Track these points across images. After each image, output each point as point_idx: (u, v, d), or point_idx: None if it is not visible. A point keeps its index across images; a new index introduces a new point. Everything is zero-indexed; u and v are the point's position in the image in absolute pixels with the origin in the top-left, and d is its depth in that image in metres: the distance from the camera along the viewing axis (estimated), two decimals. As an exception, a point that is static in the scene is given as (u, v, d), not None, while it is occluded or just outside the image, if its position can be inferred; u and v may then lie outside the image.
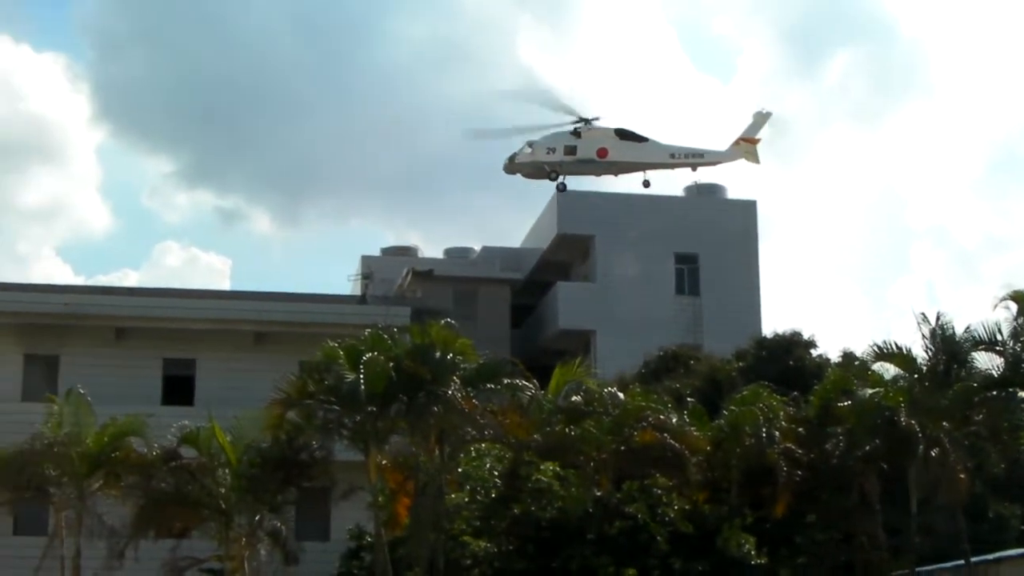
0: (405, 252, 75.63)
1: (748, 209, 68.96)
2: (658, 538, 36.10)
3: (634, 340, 59.36)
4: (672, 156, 52.14)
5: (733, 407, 39.22)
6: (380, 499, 35.77)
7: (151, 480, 36.11)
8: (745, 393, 39.94)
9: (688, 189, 70.60)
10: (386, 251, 76.51)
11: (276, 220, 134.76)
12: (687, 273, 66.71)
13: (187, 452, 36.27)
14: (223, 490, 35.49)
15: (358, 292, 61.87)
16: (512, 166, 54.61)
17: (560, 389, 38.64)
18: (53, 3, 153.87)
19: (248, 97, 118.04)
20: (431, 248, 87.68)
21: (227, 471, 35.64)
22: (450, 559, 36.02)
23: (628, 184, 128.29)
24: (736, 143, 50.61)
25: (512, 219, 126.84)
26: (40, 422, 38.23)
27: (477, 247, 76.42)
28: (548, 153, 53.32)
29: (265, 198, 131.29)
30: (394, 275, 66.41)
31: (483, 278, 68.70)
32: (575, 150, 52.78)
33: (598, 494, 37.09)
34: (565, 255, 68.80)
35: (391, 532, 36.77)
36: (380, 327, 37.08)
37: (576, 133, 52.57)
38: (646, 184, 53.71)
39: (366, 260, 71.86)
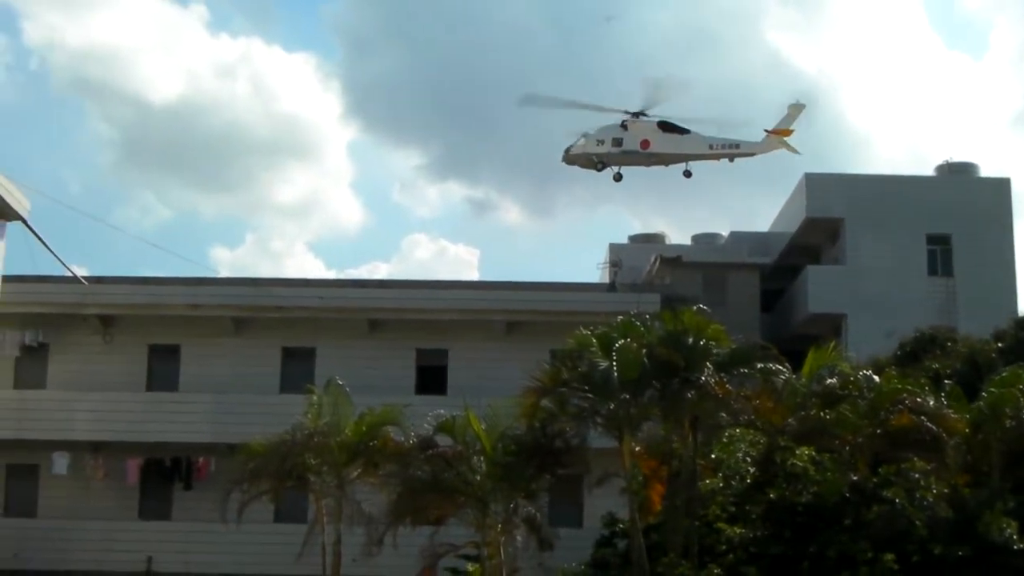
0: (652, 239, 75.47)
1: (1002, 187, 67.14)
2: (917, 523, 35.34)
3: (886, 323, 58.39)
4: (711, 147, 51.65)
5: (993, 388, 38.33)
6: (634, 486, 35.77)
7: (408, 468, 36.52)
8: (1005, 374, 39.02)
9: (939, 168, 69.28)
10: (634, 239, 76.43)
11: (526, 210, 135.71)
12: (940, 254, 65.23)
13: (442, 440, 36.62)
14: (478, 477, 35.68)
15: (607, 280, 62.08)
16: (568, 157, 54.73)
17: (814, 373, 38.15)
18: (303, 4, 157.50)
19: (497, 89, 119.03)
20: (678, 235, 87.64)
21: (482, 459, 35.83)
22: (704, 545, 35.89)
23: (878, 165, 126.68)
24: (769, 135, 49.75)
25: (760, 203, 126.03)
26: (299, 413, 39.05)
27: (725, 232, 75.92)
28: (598, 145, 53.44)
29: (514, 188, 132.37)
30: (642, 262, 66.55)
31: (732, 263, 68.12)
32: (621, 142, 52.78)
33: (854, 479, 36.49)
34: (814, 238, 67.87)
35: (645, 518, 36.74)
36: (631, 314, 37.09)
37: (624, 126, 52.41)
38: (687, 174, 53.18)
39: (614, 248, 72.05)
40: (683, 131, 51.65)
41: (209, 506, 41.71)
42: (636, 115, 51.82)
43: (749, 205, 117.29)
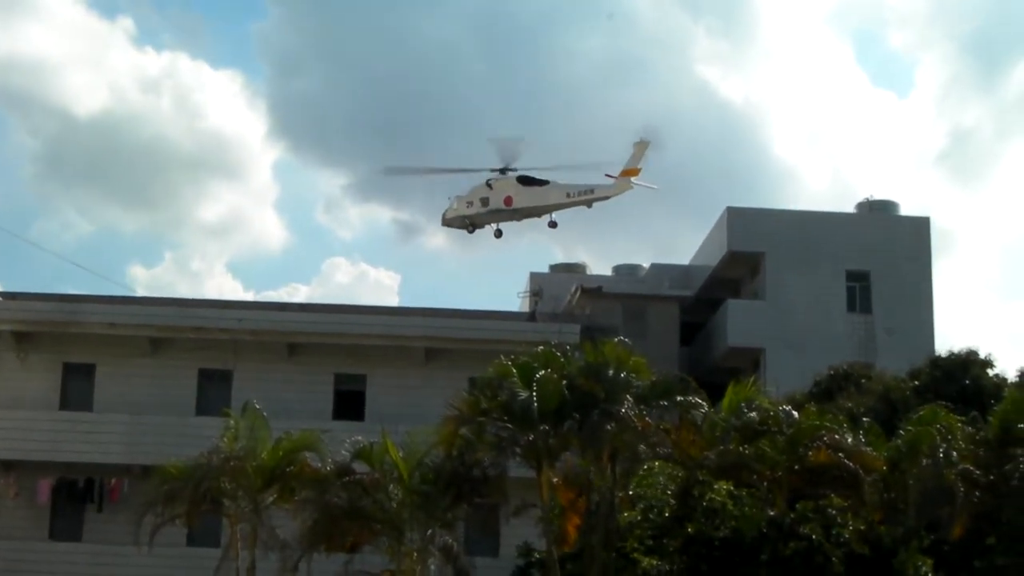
0: (573, 269, 75.58)
1: (921, 226, 67.66)
2: (833, 559, 35.47)
3: (805, 358, 58.63)
4: (568, 195, 51.35)
5: (910, 427, 38.52)
6: (551, 516, 35.70)
7: (324, 494, 36.34)
8: (922, 412, 39.20)
9: (860, 206, 69.77)
10: (555, 268, 76.54)
11: (451, 234, 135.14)
12: (859, 291, 65.62)
13: (360, 467, 36.53)
14: (395, 505, 35.68)
15: (528, 309, 62.04)
16: (444, 220, 54.54)
17: (734, 407, 38.19)
18: (230, 22, 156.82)
19: (425, 111, 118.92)
20: (600, 265, 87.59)
21: (399, 486, 35.81)
22: (621, 577, 35.87)
23: (798, 201, 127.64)
24: (618, 177, 49.67)
25: (681, 236, 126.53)
26: (214, 436, 38.72)
27: (646, 264, 76.12)
28: (468, 206, 53.07)
29: (441, 211, 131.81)
30: (563, 292, 66.56)
31: (652, 295, 68.16)
32: (488, 201, 52.52)
33: (772, 514, 36.59)
34: (735, 272, 68.13)
35: (561, 549, 36.73)
36: (551, 344, 37.05)
37: (489, 184, 52.30)
38: (552, 225, 52.87)
39: (535, 277, 72.04)
40: (542, 183, 51.32)
41: (122, 528, 41.34)
42: (502, 171, 51.47)
43: (672, 237, 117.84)
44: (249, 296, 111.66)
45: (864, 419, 41.69)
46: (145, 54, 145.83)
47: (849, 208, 71.08)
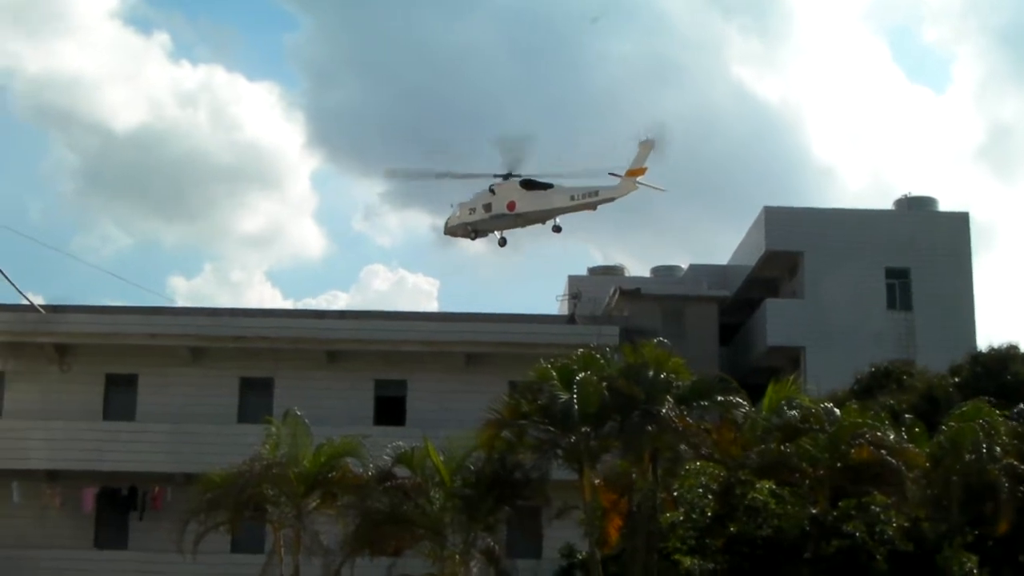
0: (612, 271, 75.58)
1: (960, 221, 67.46)
2: (877, 557, 35.45)
3: (845, 356, 58.41)
4: (572, 198, 50.33)
5: (952, 423, 38.33)
6: (593, 518, 35.67)
7: (366, 500, 36.38)
8: (965, 408, 39.03)
9: (899, 202, 69.54)
10: (593, 271, 76.60)
11: (488, 241, 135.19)
12: (899, 288, 65.46)
13: (401, 472, 36.56)
14: (437, 509, 35.71)
15: (566, 312, 62.02)
16: (447, 229, 53.70)
17: (774, 406, 38.07)
18: (265, 33, 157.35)
19: (459, 118, 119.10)
20: (638, 267, 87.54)
21: (441, 491, 35.87)
22: (664, 578, 35.86)
23: (841, 197, 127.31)
24: (624, 177, 48.65)
25: (719, 236, 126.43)
26: (256, 443, 38.84)
27: (684, 265, 76.05)
28: (470, 213, 52.22)
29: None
30: (601, 294, 66.53)
31: (691, 296, 68.04)
32: (491, 207, 51.72)
33: (814, 512, 36.47)
34: (773, 272, 68.06)
35: (603, 551, 36.62)
36: (590, 347, 37.03)
37: (492, 190, 51.55)
38: (557, 230, 51.91)
39: (573, 280, 72.00)
40: (546, 186, 50.62)
41: (165, 536, 41.25)
42: (505, 176, 50.93)
43: (709, 237, 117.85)
44: (288, 304, 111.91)
45: (906, 416, 41.56)
46: (181, 68, 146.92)
47: (888, 205, 70.90)
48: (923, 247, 65.30)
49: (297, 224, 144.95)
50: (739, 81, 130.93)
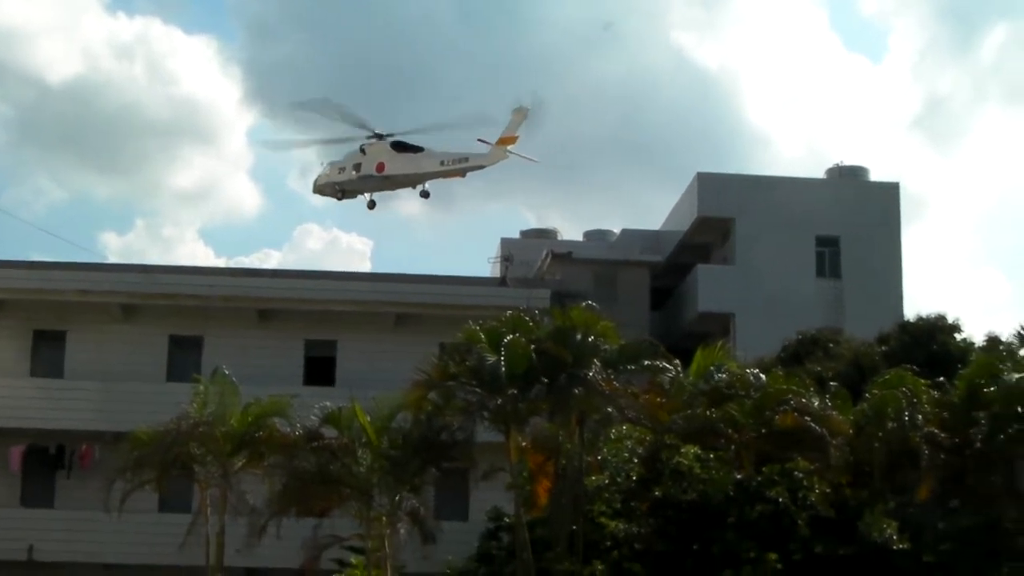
0: (544, 235, 75.69)
1: (891, 191, 67.89)
2: (799, 522, 35.71)
3: (774, 323, 58.73)
4: (442, 163, 49.81)
5: (876, 391, 38.75)
6: (520, 480, 35.86)
7: (293, 459, 36.43)
8: (888, 376, 39.45)
9: (830, 171, 69.91)
10: (526, 233, 76.63)
11: (425, 202, 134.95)
12: (828, 256, 65.88)
13: (329, 432, 36.57)
14: (364, 470, 35.74)
15: (498, 275, 62.07)
16: (315, 187, 53.27)
17: (702, 371, 38.38)
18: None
19: (400, 78, 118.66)
20: (570, 231, 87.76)
21: (368, 451, 35.90)
22: (589, 540, 36.04)
23: (773, 167, 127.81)
24: (495, 145, 48.32)
25: (654, 201, 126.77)
26: (185, 402, 38.69)
27: (617, 230, 76.17)
28: (340, 172, 51.70)
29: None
30: (534, 257, 66.68)
31: (622, 261, 68.28)
32: (360, 167, 51.32)
33: (739, 477, 36.80)
34: (705, 237, 68.28)
35: (530, 513, 36.90)
36: (520, 309, 37.13)
37: (363, 150, 51.17)
38: (425, 195, 51.66)
39: (506, 242, 71.99)
40: (416, 149, 50.04)
41: (93, 494, 41.14)
42: (379, 136, 50.33)
43: (645, 201, 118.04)
44: (221, 263, 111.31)
45: (831, 383, 41.97)
46: (118, 20, 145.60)
47: (820, 174, 71.25)
48: (853, 216, 65.69)
49: (232, 181, 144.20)
50: (679, 47, 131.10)
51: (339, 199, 52.81)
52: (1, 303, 52.87)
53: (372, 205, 52.64)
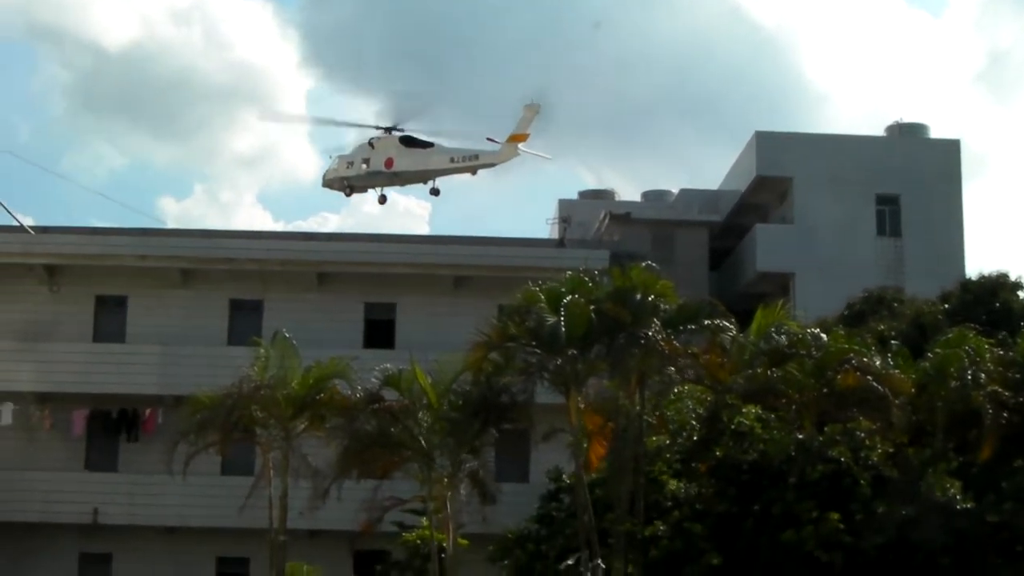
0: (602, 195, 75.56)
1: (951, 148, 67.38)
2: (861, 482, 35.52)
3: (834, 283, 58.49)
4: (452, 160, 49.09)
5: (938, 349, 38.50)
6: (580, 441, 35.80)
7: (354, 422, 36.46)
8: (951, 335, 39.18)
9: (890, 129, 69.42)
10: (583, 195, 76.49)
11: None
12: (888, 214, 65.44)
13: (389, 395, 36.60)
14: (424, 432, 35.77)
15: (556, 236, 62.03)
16: (325, 181, 52.69)
17: (762, 331, 38.16)
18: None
19: (457, 39, 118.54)
20: (628, 191, 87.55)
21: (428, 413, 35.93)
22: (650, 501, 36.00)
23: (836, 123, 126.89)
24: (506, 143, 47.59)
25: (711, 160, 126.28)
26: (246, 366, 38.87)
27: (675, 190, 75.94)
28: (348, 167, 51.31)
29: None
30: (592, 219, 66.56)
31: (681, 221, 68.09)
32: (369, 162, 50.66)
33: (800, 437, 36.63)
34: (764, 197, 67.97)
35: (590, 473, 36.82)
36: (579, 270, 37.04)
37: (371, 144, 50.62)
38: (435, 192, 50.94)
39: (564, 204, 71.89)
40: (426, 145, 49.52)
41: (156, 458, 41.50)
42: (388, 130, 50.04)
43: (702, 161, 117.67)
44: (279, 227, 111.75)
45: (893, 342, 41.69)
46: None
47: (880, 132, 70.76)
48: (913, 174, 65.20)
49: (289, 145, 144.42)
50: (735, 4, 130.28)
51: (347, 195, 52.48)
52: (62, 269, 53.24)
53: (383, 200, 52.34)
